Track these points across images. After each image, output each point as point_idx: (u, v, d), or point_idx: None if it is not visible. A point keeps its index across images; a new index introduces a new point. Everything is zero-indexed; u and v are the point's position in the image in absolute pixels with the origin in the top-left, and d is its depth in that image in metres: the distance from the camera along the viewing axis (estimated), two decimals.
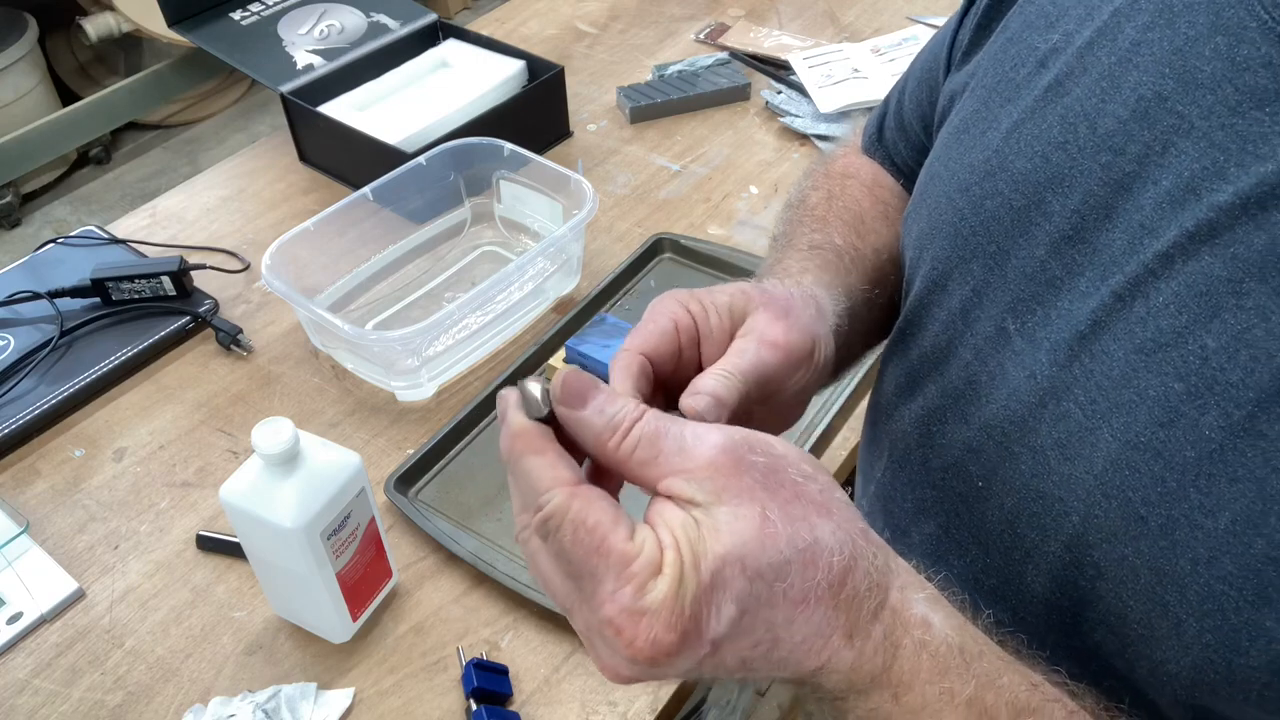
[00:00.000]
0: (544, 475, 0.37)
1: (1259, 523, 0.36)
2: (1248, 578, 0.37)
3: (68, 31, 2.93)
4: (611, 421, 0.37)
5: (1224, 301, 0.38)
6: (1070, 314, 0.43)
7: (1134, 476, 0.40)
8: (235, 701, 0.74)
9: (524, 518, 0.38)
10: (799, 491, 0.36)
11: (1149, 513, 0.39)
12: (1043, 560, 0.44)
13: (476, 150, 1.12)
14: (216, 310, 1.07)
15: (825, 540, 0.36)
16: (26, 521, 0.88)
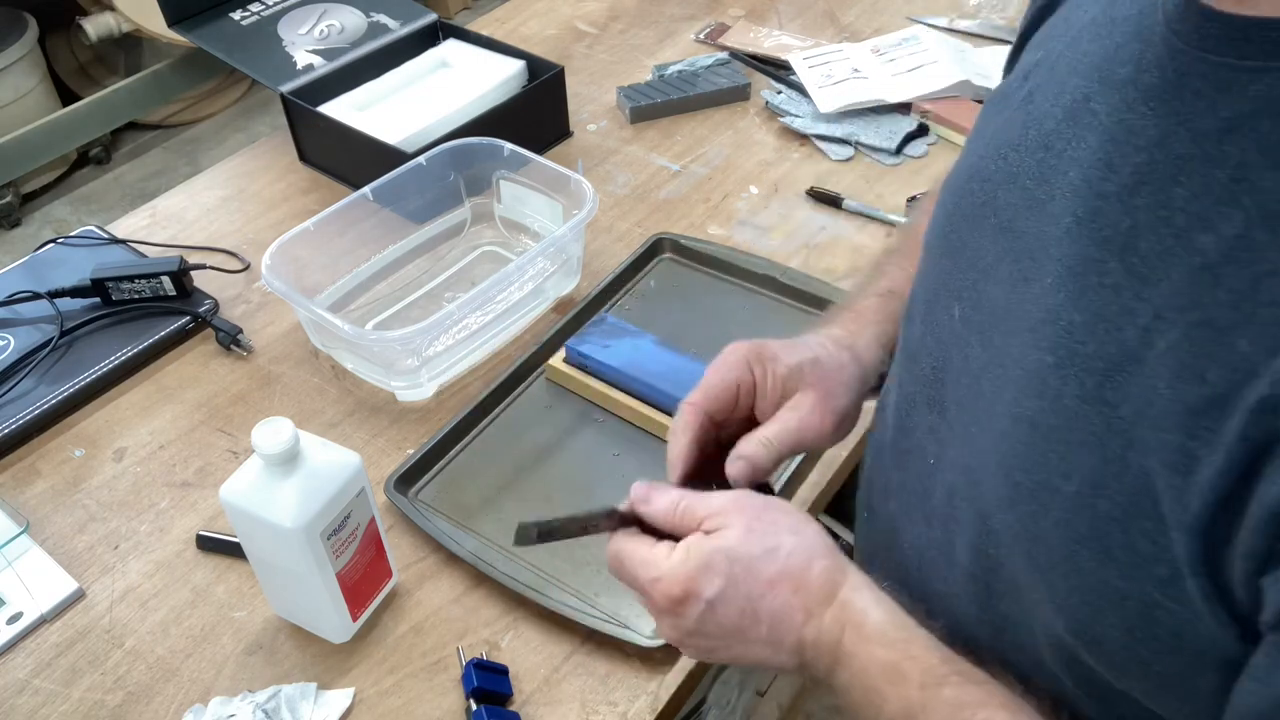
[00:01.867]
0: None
1: (1101, 485, 0.40)
2: (1097, 538, 0.41)
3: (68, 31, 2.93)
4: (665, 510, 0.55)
5: (1090, 280, 0.42)
6: (994, 299, 0.47)
7: (1014, 445, 0.44)
8: (235, 701, 0.74)
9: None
10: (779, 520, 0.53)
11: (1023, 479, 0.44)
12: (965, 531, 0.49)
13: (476, 150, 1.12)
14: (216, 310, 1.07)
15: (789, 546, 0.51)
16: (26, 521, 0.88)
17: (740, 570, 0.51)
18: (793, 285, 1.04)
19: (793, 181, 1.22)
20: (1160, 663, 0.41)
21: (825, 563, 0.51)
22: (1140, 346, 0.39)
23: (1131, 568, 0.40)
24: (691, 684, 0.77)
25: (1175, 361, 0.38)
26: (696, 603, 0.51)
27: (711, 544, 0.51)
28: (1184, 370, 0.38)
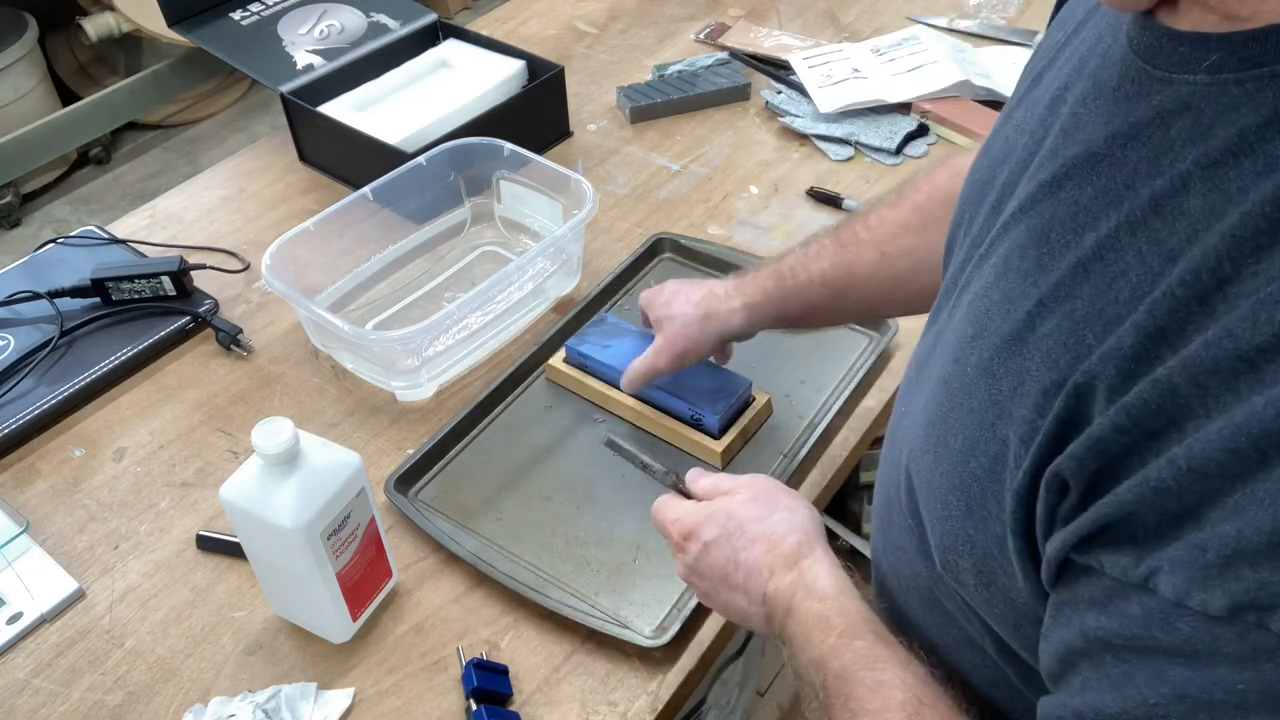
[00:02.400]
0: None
1: (975, 447, 0.45)
2: (967, 491, 0.45)
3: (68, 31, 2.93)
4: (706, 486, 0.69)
5: (1012, 263, 0.45)
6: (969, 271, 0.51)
7: (932, 403, 0.49)
8: (235, 701, 0.74)
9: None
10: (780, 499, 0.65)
11: (930, 431, 0.49)
12: (900, 466, 0.53)
13: (476, 150, 1.12)
14: (216, 310, 1.07)
15: (778, 517, 0.64)
16: (26, 521, 0.88)
17: (733, 526, 0.64)
18: None
19: (793, 181, 1.22)
20: (1000, 608, 0.46)
21: (800, 536, 0.62)
22: (1025, 329, 0.43)
23: (981, 521, 0.45)
24: (691, 684, 0.77)
25: (1045, 347, 0.41)
26: (696, 542, 0.65)
27: (719, 503, 0.66)
28: (1048, 355, 0.41)
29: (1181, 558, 0.33)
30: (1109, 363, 0.37)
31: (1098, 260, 0.40)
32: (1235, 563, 0.32)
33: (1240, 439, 0.32)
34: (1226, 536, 0.32)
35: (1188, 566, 0.33)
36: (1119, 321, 0.38)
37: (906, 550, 0.55)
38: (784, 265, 0.82)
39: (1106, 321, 0.38)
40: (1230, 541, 0.32)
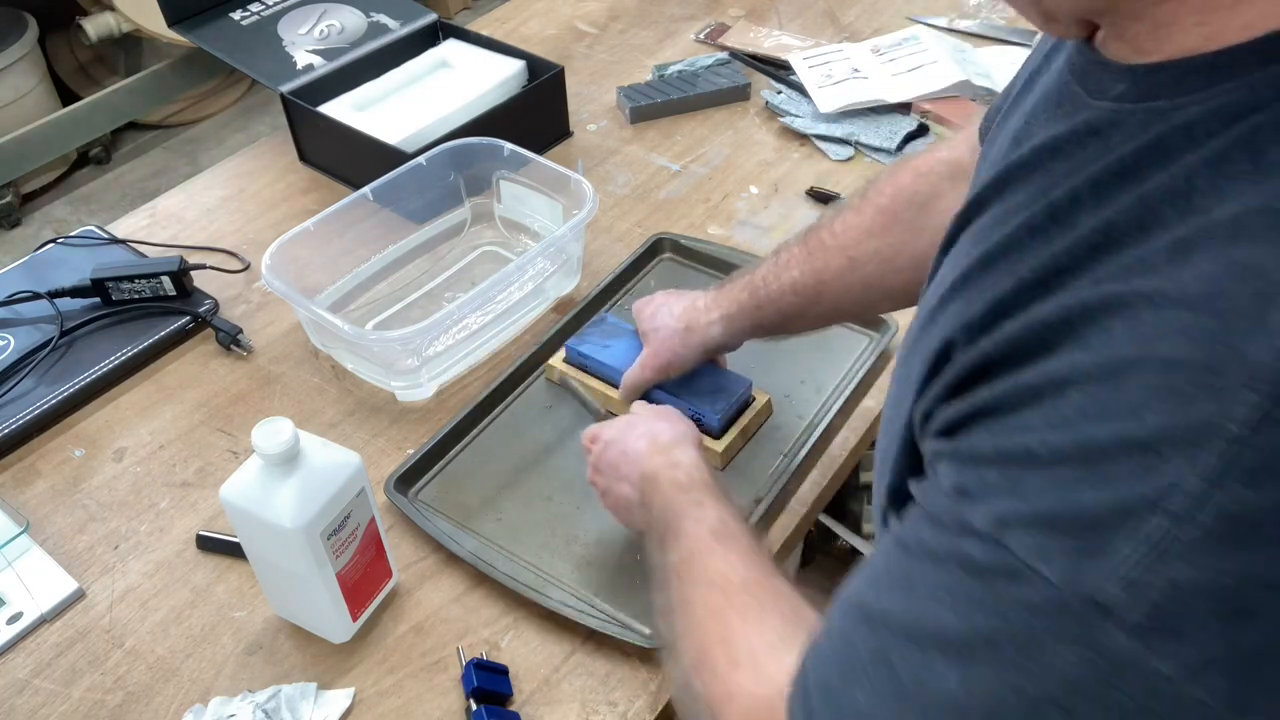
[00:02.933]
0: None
1: (896, 414, 0.51)
2: (890, 439, 0.52)
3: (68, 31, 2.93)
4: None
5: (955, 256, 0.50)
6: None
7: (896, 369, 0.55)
8: (235, 701, 0.74)
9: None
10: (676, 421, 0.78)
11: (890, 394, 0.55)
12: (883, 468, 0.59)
13: (476, 150, 1.12)
14: (216, 310, 1.07)
15: (665, 425, 0.77)
16: (26, 521, 0.88)
17: (627, 425, 0.78)
18: None
19: (793, 181, 1.22)
20: None
21: (679, 439, 0.75)
22: (937, 312, 0.48)
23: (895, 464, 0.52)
24: None
25: (941, 327, 0.46)
26: (599, 443, 0.78)
27: (624, 417, 0.80)
28: (941, 333, 0.46)
29: (947, 450, 0.43)
30: (964, 329, 0.44)
31: (1001, 255, 0.44)
32: (971, 461, 0.41)
33: (1008, 388, 0.40)
34: (975, 444, 0.41)
35: (949, 457, 0.43)
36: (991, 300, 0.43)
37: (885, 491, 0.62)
38: (757, 276, 0.84)
39: (988, 305, 0.43)
40: (975, 447, 0.41)
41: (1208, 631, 0.33)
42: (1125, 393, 0.35)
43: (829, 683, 0.45)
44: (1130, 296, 0.36)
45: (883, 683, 0.42)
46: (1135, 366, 0.35)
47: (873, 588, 0.45)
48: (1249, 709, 0.34)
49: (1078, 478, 0.36)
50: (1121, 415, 0.35)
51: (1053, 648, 0.36)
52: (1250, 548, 0.32)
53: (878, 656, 0.42)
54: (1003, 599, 0.37)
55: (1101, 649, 0.35)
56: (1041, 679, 0.36)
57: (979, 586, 0.38)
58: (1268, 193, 0.34)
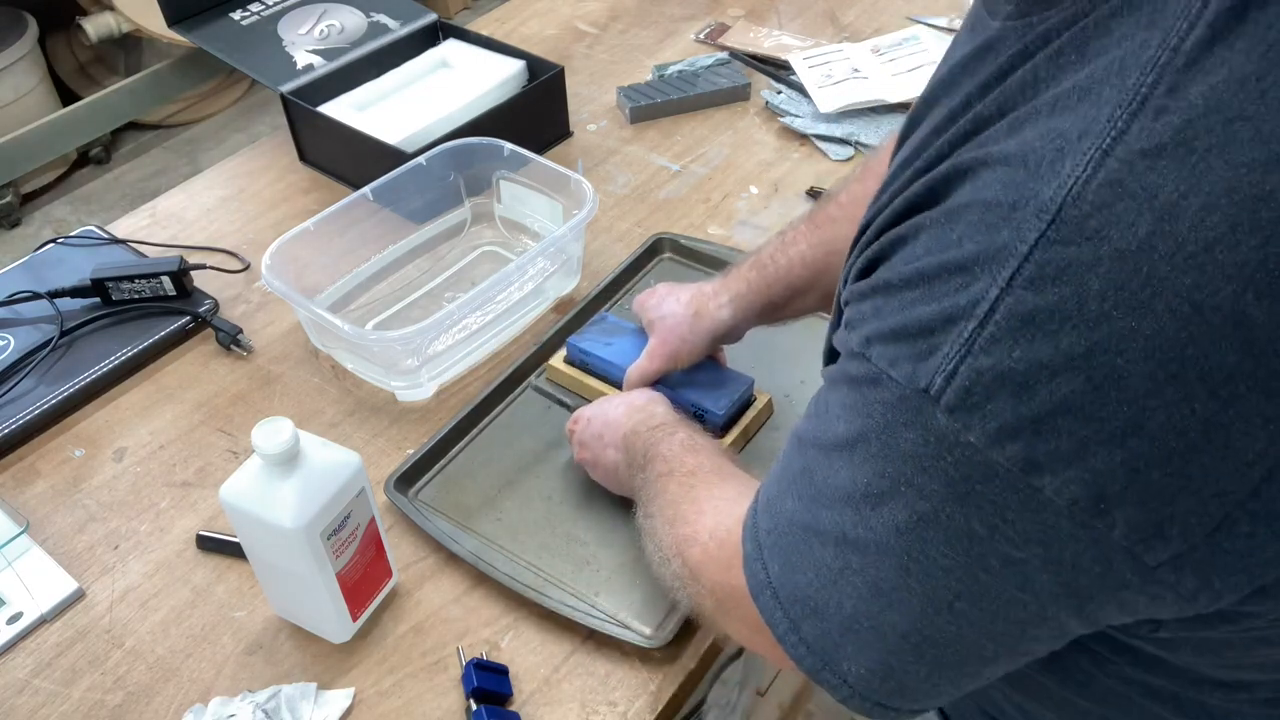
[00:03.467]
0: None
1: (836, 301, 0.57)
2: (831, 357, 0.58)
3: (68, 31, 2.93)
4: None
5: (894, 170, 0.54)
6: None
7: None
8: (235, 701, 0.74)
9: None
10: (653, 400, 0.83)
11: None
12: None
13: (476, 150, 1.12)
14: (216, 310, 1.07)
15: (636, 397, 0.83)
16: (26, 521, 0.88)
17: (604, 402, 0.85)
18: None
19: (793, 181, 1.22)
20: None
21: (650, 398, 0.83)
22: (867, 224, 0.53)
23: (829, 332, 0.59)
24: (691, 684, 0.77)
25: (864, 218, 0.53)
26: (581, 421, 0.84)
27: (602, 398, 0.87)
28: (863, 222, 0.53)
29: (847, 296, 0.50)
30: (874, 213, 0.51)
31: (915, 157, 0.50)
32: (856, 299, 0.49)
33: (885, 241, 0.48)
34: (861, 287, 0.49)
35: (848, 299, 0.50)
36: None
37: None
38: (763, 255, 0.87)
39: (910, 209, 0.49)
40: (861, 289, 0.48)
41: (1000, 405, 0.40)
42: (955, 230, 0.43)
43: (770, 497, 0.56)
44: (973, 162, 0.44)
45: (804, 488, 0.52)
46: (965, 210, 0.43)
47: (805, 421, 0.55)
48: (1040, 470, 0.40)
49: (917, 297, 0.44)
50: (950, 247, 0.43)
51: (900, 434, 0.45)
52: (1031, 339, 0.39)
53: (802, 469, 0.53)
54: (868, 400, 0.46)
55: (929, 428, 0.43)
56: (894, 460, 0.45)
57: (856, 396, 0.48)
58: (1082, 75, 0.41)
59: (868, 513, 0.47)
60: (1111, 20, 0.41)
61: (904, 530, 0.46)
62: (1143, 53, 0.39)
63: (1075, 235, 0.38)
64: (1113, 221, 0.38)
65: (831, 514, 0.50)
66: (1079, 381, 0.39)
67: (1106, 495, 0.40)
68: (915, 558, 0.46)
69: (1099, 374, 0.38)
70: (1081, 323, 0.38)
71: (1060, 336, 0.39)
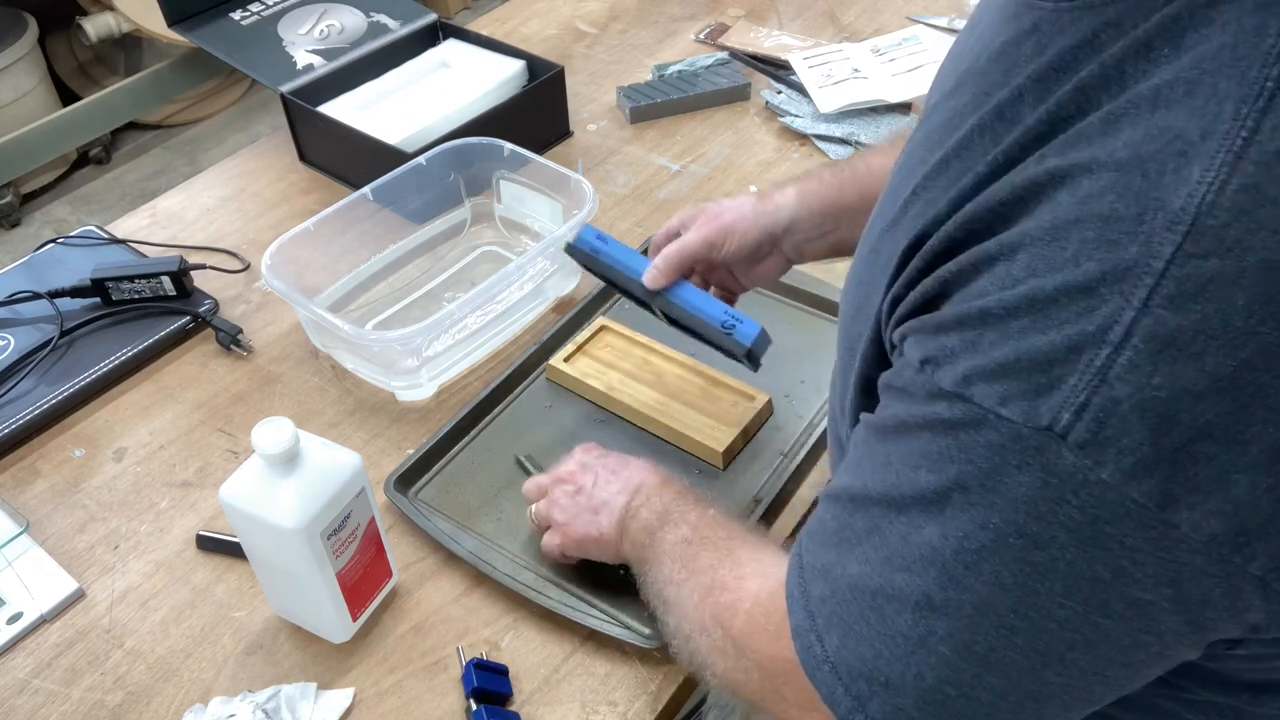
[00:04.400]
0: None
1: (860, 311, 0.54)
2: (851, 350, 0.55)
3: (68, 31, 2.93)
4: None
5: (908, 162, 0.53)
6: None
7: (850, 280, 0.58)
8: (235, 701, 0.74)
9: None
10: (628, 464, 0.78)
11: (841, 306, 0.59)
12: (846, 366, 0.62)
13: (476, 150, 1.12)
14: (216, 310, 1.07)
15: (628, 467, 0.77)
16: (26, 521, 0.88)
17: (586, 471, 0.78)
18: (793, 285, 1.04)
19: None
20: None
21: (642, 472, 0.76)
22: (900, 215, 0.51)
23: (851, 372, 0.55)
24: (691, 684, 0.77)
25: (907, 227, 0.49)
26: (560, 483, 0.79)
27: (577, 458, 0.80)
28: (909, 231, 0.49)
29: (915, 327, 0.46)
30: (930, 224, 0.47)
31: (955, 156, 0.48)
32: (936, 332, 0.44)
33: (967, 261, 0.43)
34: (938, 317, 0.44)
35: (915, 332, 0.46)
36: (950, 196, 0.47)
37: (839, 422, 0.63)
38: (833, 164, 0.84)
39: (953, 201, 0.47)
40: (939, 319, 0.44)
41: (1138, 437, 0.38)
42: (1067, 248, 0.39)
43: (824, 563, 0.51)
44: (1069, 168, 0.40)
45: (874, 550, 0.47)
46: (1076, 225, 0.39)
47: (857, 476, 0.50)
48: (1177, 504, 0.38)
49: (1028, 326, 0.40)
50: (1065, 267, 0.39)
51: (1013, 478, 0.41)
52: (1173, 362, 0.37)
53: (868, 529, 0.48)
54: (966, 445, 0.42)
55: (1052, 469, 0.39)
56: (1003, 509, 0.41)
57: (948, 441, 0.43)
58: (1183, 66, 0.39)
59: (962, 571, 0.43)
60: (1212, 9, 0.38)
61: (1011, 586, 0.42)
62: (1260, 41, 0.37)
63: (1215, 247, 0.36)
64: (1254, 230, 0.35)
65: (910, 577, 0.45)
66: (1225, 404, 0.36)
67: (1247, 527, 0.38)
68: (1024, 613, 0.43)
69: (1245, 394, 0.36)
70: (1227, 341, 0.36)
71: (1205, 357, 0.36)
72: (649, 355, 0.99)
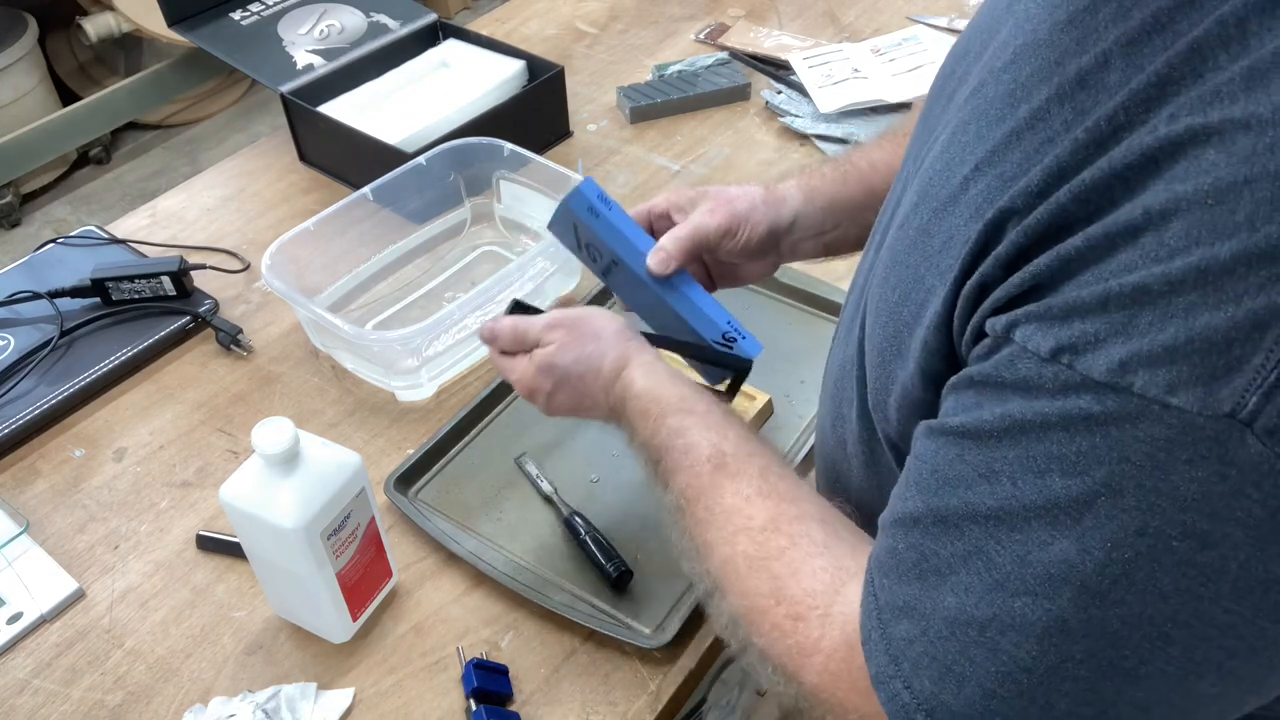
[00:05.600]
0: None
1: (908, 298, 0.50)
2: (898, 337, 0.51)
3: (68, 31, 2.93)
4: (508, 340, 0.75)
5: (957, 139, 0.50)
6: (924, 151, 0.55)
7: (881, 264, 0.54)
8: (235, 701, 0.74)
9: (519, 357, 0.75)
10: (586, 328, 0.72)
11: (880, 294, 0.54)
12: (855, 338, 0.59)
13: (476, 150, 1.12)
14: (216, 310, 1.07)
15: (589, 349, 0.71)
16: (26, 521, 0.88)
17: (559, 374, 0.72)
18: (793, 285, 1.04)
19: None
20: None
21: (615, 354, 0.70)
22: (959, 192, 0.47)
23: (905, 360, 0.50)
24: (691, 684, 0.77)
25: (973, 205, 0.46)
26: (541, 395, 0.73)
27: (540, 358, 0.72)
28: (976, 212, 0.45)
29: (1034, 312, 0.41)
30: (1018, 198, 0.43)
31: (1029, 129, 0.44)
32: (1069, 316, 0.39)
33: (1098, 233, 0.39)
34: (1069, 298, 0.40)
35: (1036, 319, 0.41)
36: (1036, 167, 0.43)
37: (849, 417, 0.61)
38: (837, 161, 0.80)
39: (1031, 178, 0.43)
40: (1070, 301, 0.39)
41: None
42: (1238, 211, 0.35)
43: (906, 600, 0.46)
44: (1217, 125, 0.37)
45: (976, 576, 0.43)
46: (1246, 185, 0.35)
47: (937, 494, 0.45)
48: None
49: (1197, 302, 0.36)
50: (1238, 231, 0.35)
51: (1182, 474, 0.37)
52: None
53: (967, 555, 0.43)
54: (1123, 443, 0.38)
55: (1232, 460, 0.36)
56: (1167, 510, 0.37)
57: (1094, 439, 0.39)
58: None
59: (1108, 586, 0.39)
60: None
61: (1171, 594, 0.38)
62: None
63: None
64: None
65: (1036, 601, 0.41)
66: None
67: None
68: (1184, 622, 0.39)
69: None
70: None
71: None
72: None
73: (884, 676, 0.46)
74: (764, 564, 0.55)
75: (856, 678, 0.48)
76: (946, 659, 0.44)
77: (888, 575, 0.47)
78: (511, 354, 0.75)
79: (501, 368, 0.76)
